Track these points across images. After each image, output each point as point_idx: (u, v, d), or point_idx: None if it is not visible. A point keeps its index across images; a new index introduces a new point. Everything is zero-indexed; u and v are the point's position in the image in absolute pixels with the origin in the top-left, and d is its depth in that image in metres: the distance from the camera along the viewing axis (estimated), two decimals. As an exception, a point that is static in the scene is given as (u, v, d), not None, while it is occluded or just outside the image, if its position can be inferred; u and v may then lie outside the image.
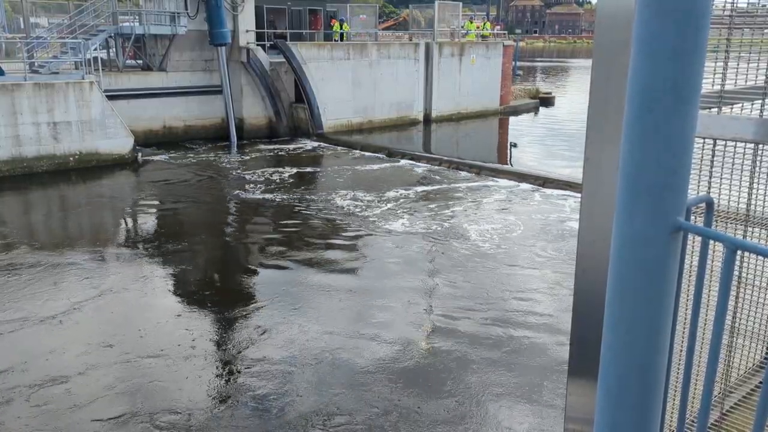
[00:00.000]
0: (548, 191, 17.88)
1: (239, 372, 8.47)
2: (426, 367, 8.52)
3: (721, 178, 2.98)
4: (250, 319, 10.03)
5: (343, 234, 14.45)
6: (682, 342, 2.40)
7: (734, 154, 2.95)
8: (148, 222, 16.00)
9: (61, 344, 9.08)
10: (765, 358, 3.54)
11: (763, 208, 3.18)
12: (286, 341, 9.20)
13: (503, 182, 19.05)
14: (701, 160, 2.90)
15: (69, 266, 12.21)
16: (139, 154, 21.97)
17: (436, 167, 21.27)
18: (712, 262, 2.54)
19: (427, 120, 30.78)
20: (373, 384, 8.09)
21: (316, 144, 25.78)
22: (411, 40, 32.94)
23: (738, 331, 3.39)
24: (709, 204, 1.33)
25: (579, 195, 3.03)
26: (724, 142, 2.88)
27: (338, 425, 7.26)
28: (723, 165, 2.95)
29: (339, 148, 24.96)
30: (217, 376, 8.32)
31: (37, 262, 12.35)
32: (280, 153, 24.25)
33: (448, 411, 7.53)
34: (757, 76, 2.92)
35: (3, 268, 12.02)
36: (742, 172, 3.01)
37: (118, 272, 12.02)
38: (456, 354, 8.83)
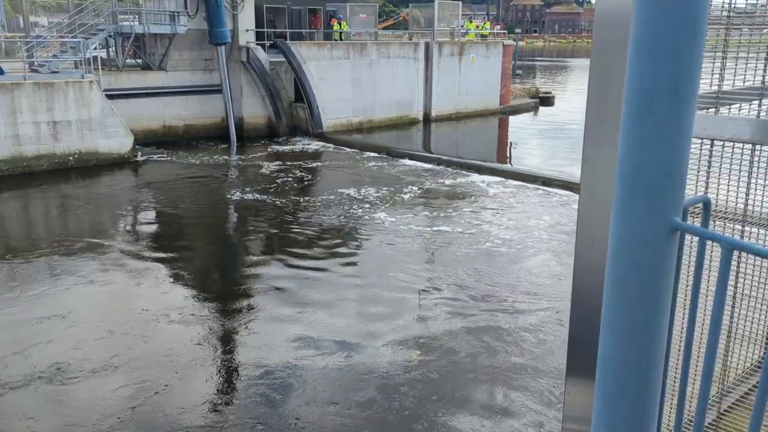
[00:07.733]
0: (548, 190, 17.89)
1: (242, 366, 8.48)
2: (428, 365, 8.54)
3: (719, 179, 2.98)
4: (250, 316, 10.03)
5: (344, 233, 14.45)
6: (680, 341, 2.40)
7: (732, 155, 2.96)
8: (147, 221, 15.99)
9: (61, 343, 9.07)
10: (763, 358, 3.55)
11: (761, 208, 3.18)
12: (289, 339, 9.20)
13: (503, 181, 19.05)
14: (699, 161, 2.91)
15: (68, 265, 12.20)
16: (139, 154, 21.97)
17: (436, 167, 21.26)
18: (710, 261, 2.54)
19: (427, 119, 30.76)
20: (373, 379, 8.10)
21: (315, 143, 25.76)
22: (411, 39, 32.91)
23: (736, 330, 3.40)
24: (707, 204, 1.33)
25: (578, 194, 3.03)
26: (721, 143, 2.88)
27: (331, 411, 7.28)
28: (720, 165, 2.96)
29: (339, 147, 24.93)
30: (221, 372, 8.33)
31: (36, 261, 12.34)
32: (279, 152, 24.22)
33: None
34: (755, 77, 2.93)
35: (2, 268, 12.02)
36: (739, 172, 3.01)
37: (118, 271, 12.01)
38: (457, 342, 8.85)
